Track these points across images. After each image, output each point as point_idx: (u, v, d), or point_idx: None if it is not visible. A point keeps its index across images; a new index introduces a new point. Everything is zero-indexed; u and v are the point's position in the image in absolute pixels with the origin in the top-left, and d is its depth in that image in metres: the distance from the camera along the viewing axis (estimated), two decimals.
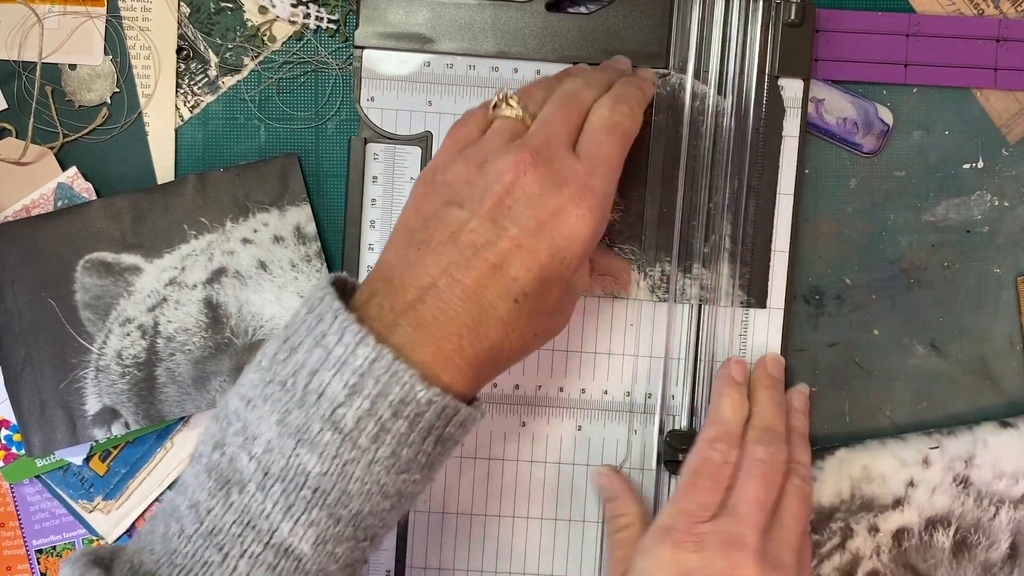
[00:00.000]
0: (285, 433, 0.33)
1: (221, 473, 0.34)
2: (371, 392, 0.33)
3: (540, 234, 0.37)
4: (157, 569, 0.34)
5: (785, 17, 0.48)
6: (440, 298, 0.36)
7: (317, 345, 0.34)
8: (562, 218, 0.37)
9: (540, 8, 0.48)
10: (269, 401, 0.34)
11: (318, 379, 0.34)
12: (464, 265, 0.36)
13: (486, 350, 0.36)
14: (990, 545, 0.48)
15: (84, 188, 0.49)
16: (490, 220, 0.37)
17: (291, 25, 0.49)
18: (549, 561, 0.49)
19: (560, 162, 0.38)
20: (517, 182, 0.37)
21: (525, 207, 0.37)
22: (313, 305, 0.36)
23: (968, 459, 0.48)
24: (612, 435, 0.49)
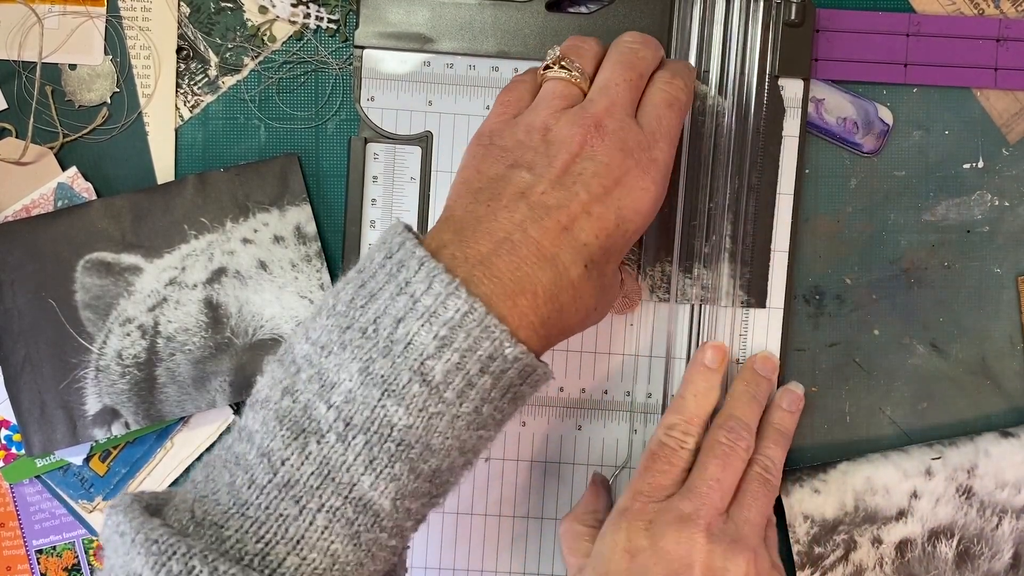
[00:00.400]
0: (369, 383, 0.32)
1: (295, 421, 0.32)
2: (461, 346, 0.32)
3: (607, 201, 0.37)
4: (226, 520, 0.32)
5: (785, 17, 0.48)
6: (516, 253, 0.35)
7: (401, 292, 0.33)
8: (628, 188, 0.37)
9: (540, 8, 0.48)
10: (348, 348, 0.33)
11: (404, 328, 0.32)
12: (537, 223, 0.35)
13: (557, 312, 0.36)
14: (993, 555, 0.48)
15: (84, 188, 0.49)
16: (560, 183, 0.36)
17: (291, 25, 0.49)
18: (549, 561, 0.49)
19: (626, 131, 0.38)
20: (585, 148, 0.37)
21: (593, 174, 0.37)
22: (391, 250, 0.34)
23: (970, 469, 0.48)
24: (612, 435, 0.49)
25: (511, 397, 0.34)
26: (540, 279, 0.35)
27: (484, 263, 0.34)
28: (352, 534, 0.32)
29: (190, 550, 0.30)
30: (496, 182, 0.37)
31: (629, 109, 0.39)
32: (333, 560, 0.32)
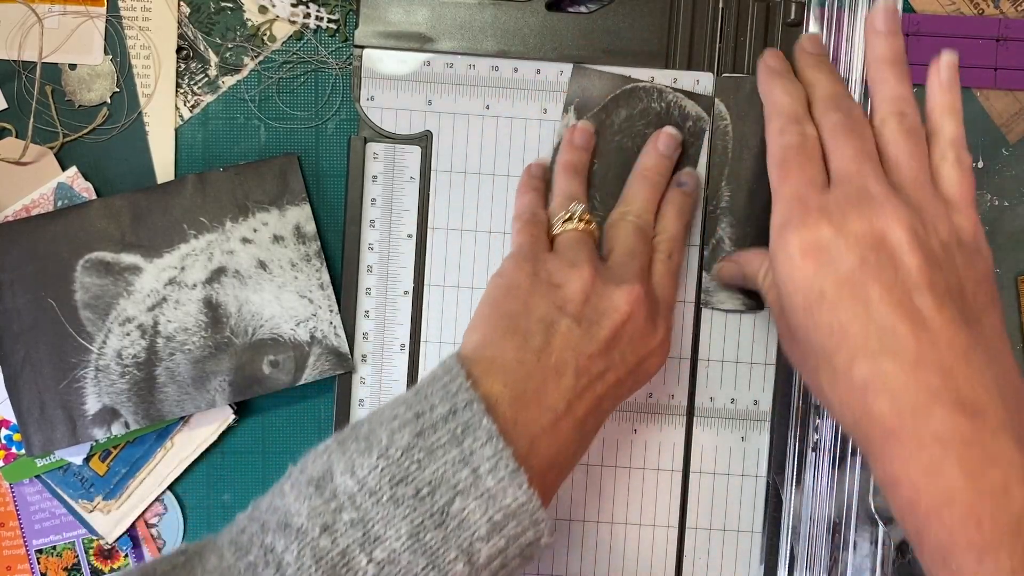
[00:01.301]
0: (418, 549, 0.32)
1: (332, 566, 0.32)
2: (509, 532, 0.34)
3: (636, 371, 0.40)
4: None
5: (785, 17, 0.48)
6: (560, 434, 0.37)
7: (465, 463, 0.34)
8: (651, 359, 0.41)
9: (540, 7, 0.48)
10: (401, 506, 0.33)
11: (462, 503, 0.33)
12: (581, 397, 0.38)
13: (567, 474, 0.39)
14: None
15: (84, 188, 0.49)
16: (607, 351, 0.39)
17: (291, 25, 0.49)
18: (549, 561, 0.49)
19: (652, 301, 0.41)
20: (630, 319, 0.39)
21: (630, 344, 0.39)
22: (457, 407, 0.35)
23: None
24: (612, 435, 0.49)
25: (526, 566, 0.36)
26: (570, 454, 0.38)
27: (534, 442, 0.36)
28: None
29: None
30: (545, 328, 0.38)
31: (648, 274, 0.43)
32: None
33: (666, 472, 0.49)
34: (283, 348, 0.48)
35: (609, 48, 0.48)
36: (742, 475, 0.49)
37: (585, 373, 0.38)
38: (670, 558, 0.49)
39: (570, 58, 0.48)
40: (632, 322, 0.39)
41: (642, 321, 0.40)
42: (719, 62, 0.48)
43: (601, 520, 0.49)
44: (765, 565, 0.49)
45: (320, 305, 0.48)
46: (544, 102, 0.48)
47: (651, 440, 0.49)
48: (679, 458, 0.49)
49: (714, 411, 0.49)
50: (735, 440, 0.49)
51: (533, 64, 0.48)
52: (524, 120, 0.48)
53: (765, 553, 0.49)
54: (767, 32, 0.48)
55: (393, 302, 0.49)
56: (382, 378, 0.49)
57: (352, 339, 0.48)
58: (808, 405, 0.48)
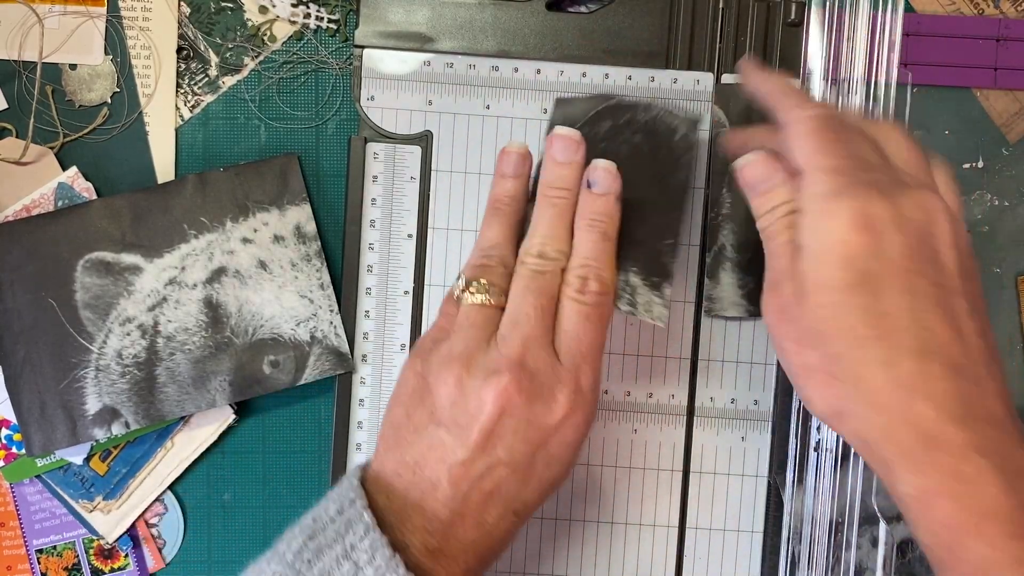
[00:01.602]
0: None
1: None
2: None
3: (535, 455, 0.37)
4: None
5: (785, 17, 0.48)
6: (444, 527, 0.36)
7: (347, 558, 0.34)
8: (556, 434, 0.37)
9: (540, 7, 0.48)
10: None
11: None
12: (461, 496, 0.36)
13: (487, 561, 0.38)
14: None
15: (84, 188, 0.49)
16: (480, 451, 0.36)
17: (291, 25, 0.49)
18: (549, 561, 0.49)
19: (544, 373, 0.37)
20: (504, 412, 0.36)
21: (514, 435, 0.36)
22: (343, 507, 0.35)
23: None
24: (612, 435, 0.49)
25: None
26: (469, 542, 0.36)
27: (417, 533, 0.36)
28: None
29: None
30: (420, 439, 0.37)
31: (545, 339, 0.37)
32: None
33: (666, 472, 0.49)
34: (283, 348, 0.48)
35: (609, 48, 0.48)
36: (742, 475, 0.49)
37: (463, 480, 0.36)
38: (670, 558, 0.49)
39: (570, 58, 0.48)
40: (508, 415, 0.36)
41: (523, 408, 0.36)
42: (719, 62, 0.48)
43: (601, 520, 0.49)
44: (765, 565, 0.49)
45: (320, 305, 0.48)
46: (544, 102, 0.48)
47: (651, 440, 0.49)
48: (679, 458, 0.49)
49: (714, 411, 0.49)
50: (735, 440, 0.49)
51: (533, 64, 0.48)
52: (524, 120, 0.48)
53: (765, 553, 0.49)
54: (767, 32, 0.48)
55: (393, 302, 0.49)
56: (382, 378, 0.49)
57: (352, 339, 0.48)
58: None
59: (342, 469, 0.49)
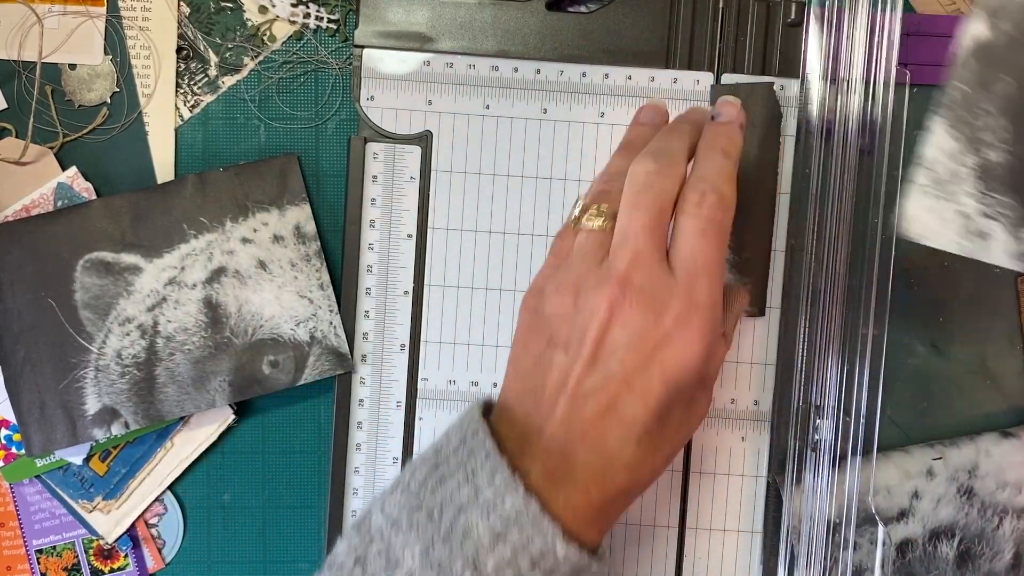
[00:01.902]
0: (427, 565, 0.34)
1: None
2: (514, 541, 0.33)
3: (649, 369, 0.35)
4: None
5: (785, 17, 0.48)
6: (563, 448, 0.36)
7: (468, 482, 0.35)
8: (669, 348, 0.35)
9: (540, 7, 0.48)
10: (415, 529, 0.34)
11: (465, 517, 0.34)
12: (579, 414, 0.36)
13: (613, 496, 0.36)
14: (994, 555, 0.48)
15: (84, 188, 0.49)
16: (594, 364, 0.36)
17: (291, 25, 0.49)
18: None
19: (655, 285, 0.36)
20: (613, 319, 0.36)
21: (626, 346, 0.36)
22: (466, 437, 0.36)
23: (971, 469, 0.48)
24: None
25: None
26: (591, 469, 0.36)
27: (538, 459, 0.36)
28: None
29: None
30: (538, 366, 0.37)
31: (656, 255, 0.36)
32: None
33: (666, 472, 0.49)
34: (283, 348, 0.48)
35: (609, 48, 0.48)
36: (742, 475, 0.49)
37: (578, 396, 0.36)
38: (670, 558, 0.49)
39: (570, 58, 0.48)
40: (619, 326, 0.36)
41: (633, 318, 0.35)
42: (719, 62, 0.48)
43: None
44: (765, 565, 0.49)
45: (320, 305, 0.48)
46: (544, 102, 0.48)
47: None
48: (679, 458, 0.49)
49: (714, 411, 0.49)
50: (735, 440, 0.49)
51: (533, 64, 0.48)
52: (524, 120, 0.48)
53: (765, 553, 0.49)
54: (767, 32, 0.48)
55: (393, 302, 0.49)
56: (382, 378, 0.49)
57: (352, 339, 0.48)
58: (808, 405, 0.48)
59: (342, 469, 0.49)
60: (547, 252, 0.41)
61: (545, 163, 0.48)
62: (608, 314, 0.36)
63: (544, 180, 0.48)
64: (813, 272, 0.48)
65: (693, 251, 0.36)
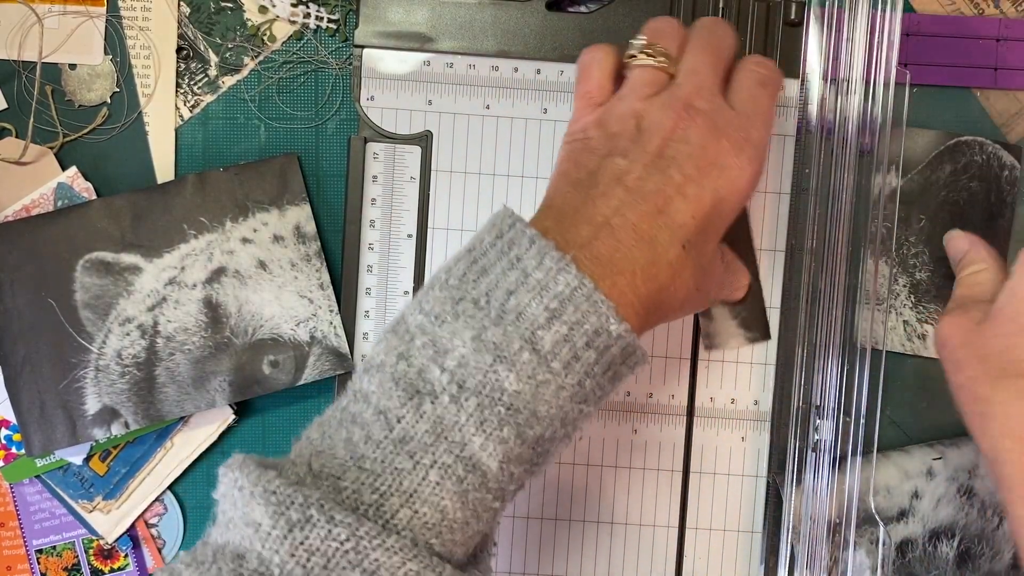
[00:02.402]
0: (482, 348, 0.33)
1: (411, 383, 0.34)
2: (570, 319, 0.33)
3: (703, 181, 0.37)
4: (343, 473, 0.33)
5: (785, 17, 0.48)
6: (614, 235, 0.36)
7: (513, 268, 0.34)
8: (722, 167, 0.38)
9: (540, 7, 0.48)
10: (462, 317, 0.34)
11: (515, 299, 0.34)
12: (634, 206, 0.36)
13: (655, 292, 0.36)
14: (994, 555, 0.48)
15: (84, 188, 0.49)
16: (654, 167, 0.37)
17: (291, 25, 0.49)
18: (549, 561, 0.49)
19: (717, 111, 0.38)
20: (677, 131, 0.38)
21: (687, 155, 0.37)
22: (503, 231, 0.36)
23: (971, 469, 0.48)
24: (612, 435, 0.49)
25: (611, 375, 0.35)
26: (639, 260, 0.36)
27: (585, 246, 0.36)
28: (461, 492, 0.33)
29: (307, 499, 0.32)
30: (594, 173, 0.38)
31: (718, 90, 0.39)
32: (442, 515, 0.33)
33: (666, 472, 0.49)
34: (283, 348, 0.48)
35: None
36: (742, 475, 0.49)
37: (636, 190, 0.36)
38: (670, 558, 0.49)
39: (570, 58, 0.48)
40: (682, 139, 0.38)
41: (697, 134, 0.38)
42: None
43: (601, 520, 0.49)
44: (765, 565, 0.49)
45: (320, 305, 0.48)
46: (544, 102, 0.48)
47: (651, 440, 0.49)
48: (679, 458, 0.49)
49: (714, 411, 0.49)
50: (735, 440, 0.49)
51: (533, 64, 0.48)
52: (524, 120, 0.48)
53: (765, 553, 0.49)
54: (767, 32, 0.48)
55: (393, 302, 0.49)
56: None
57: (352, 339, 0.48)
58: (808, 405, 0.48)
59: None
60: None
61: (545, 163, 0.48)
62: (672, 126, 0.38)
63: (544, 180, 0.48)
64: (813, 272, 0.48)
65: (752, 95, 0.40)
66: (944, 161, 0.49)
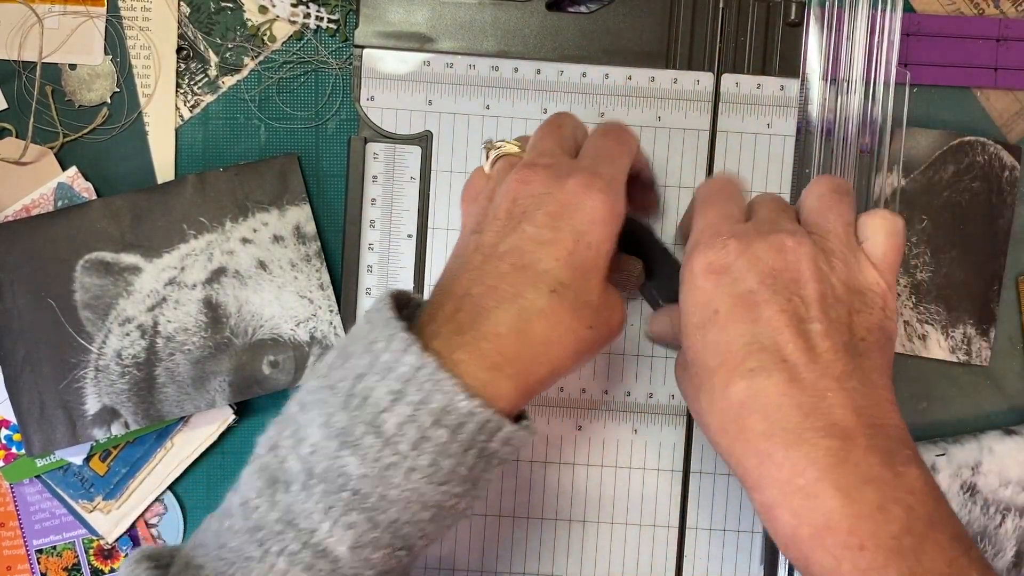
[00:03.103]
0: (330, 435, 0.33)
1: (271, 473, 0.34)
2: (413, 399, 0.33)
3: (558, 224, 0.37)
4: (207, 562, 0.34)
5: (785, 17, 0.48)
6: (475, 303, 0.36)
7: (367, 352, 0.34)
8: (575, 206, 0.37)
9: (540, 7, 0.48)
10: (318, 405, 0.34)
11: (364, 383, 0.34)
12: (491, 270, 0.36)
13: (529, 347, 0.35)
14: (996, 553, 0.48)
15: (84, 188, 0.49)
16: (506, 228, 0.37)
17: (291, 25, 0.49)
18: (549, 561, 0.49)
19: (558, 164, 0.39)
20: (520, 189, 0.38)
21: (535, 207, 0.37)
22: (371, 316, 0.36)
23: (975, 466, 0.48)
24: (612, 435, 0.49)
25: (476, 454, 0.34)
26: (504, 320, 0.35)
27: (450, 320, 0.35)
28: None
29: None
30: (460, 255, 0.38)
31: (560, 151, 0.40)
32: None
33: (666, 472, 0.49)
34: (283, 348, 0.48)
35: (609, 48, 0.48)
36: None
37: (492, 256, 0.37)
38: (670, 558, 0.49)
39: (570, 58, 0.48)
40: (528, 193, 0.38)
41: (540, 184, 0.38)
42: (719, 62, 0.48)
43: (601, 520, 0.49)
44: (765, 565, 0.49)
45: (320, 305, 0.48)
46: (544, 102, 0.48)
47: (651, 440, 0.49)
48: (679, 458, 0.49)
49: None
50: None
51: (533, 64, 0.48)
52: (524, 120, 0.48)
53: (765, 553, 0.49)
54: (767, 32, 0.48)
55: None
56: None
57: None
58: None
59: None
60: None
61: None
62: (516, 185, 0.38)
63: None
64: None
65: (594, 144, 0.41)
66: (947, 161, 0.49)
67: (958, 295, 0.49)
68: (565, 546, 0.49)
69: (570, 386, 0.49)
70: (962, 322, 0.49)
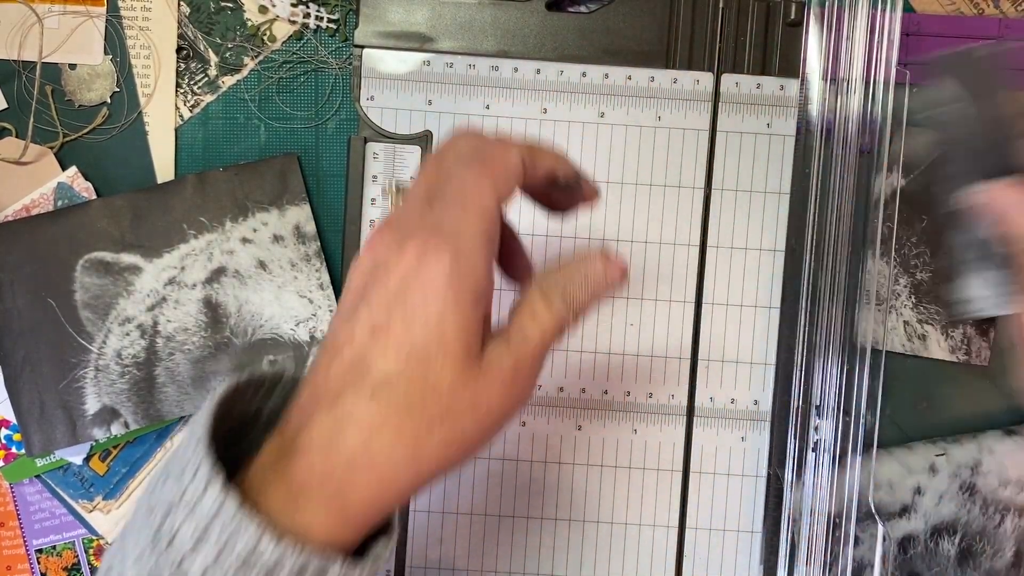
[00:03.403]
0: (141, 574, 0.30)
1: None
2: (218, 541, 0.29)
3: (392, 306, 0.30)
4: None
5: (785, 17, 0.48)
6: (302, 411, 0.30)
7: (179, 477, 0.30)
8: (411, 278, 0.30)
9: (540, 7, 0.48)
10: (131, 536, 0.31)
11: (171, 519, 0.30)
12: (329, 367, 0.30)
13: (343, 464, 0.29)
14: (995, 553, 0.48)
15: (84, 188, 0.49)
16: (351, 310, 0.31)
17: (291, 24, 0.49)
18: (549, 561, 0.49)
19: (407, 221, 0.32)
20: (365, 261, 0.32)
21: (374, 283, 0.31)
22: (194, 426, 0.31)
23: (974, 466, 0.48)
24: (612, 435, 0.49)
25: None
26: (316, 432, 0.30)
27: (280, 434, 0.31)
28: None
29: None
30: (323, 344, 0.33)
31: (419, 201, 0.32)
32: None
33: (666, 472, 0.49)
34: (283, 348, 0.48)
35: (609, 48, 0.48)
36: (742, 475, 0.49)
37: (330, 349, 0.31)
38: (670, 558, 0.49)
39: (570, 58, 0.48)
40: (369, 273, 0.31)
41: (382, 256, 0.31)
42: (719, 62, 0.48)
43: (601, 520, 0.49)
44: (765, 565, 0.49)
45: (320, 305, 0.48)
46: (544, 102, 0.48)
47: (651, 440, 0.49)
48: (679, 458, 0.49)
49: (714, 411, 0.49)
50: (735, 440, 0.49)
51: (533, 64, 0.48)
52: (524, 120, 0.48)
53: (765, 553, 0.49)
54: (767, 32, 0.48)
55: None
56: None
57: None
58: (808, 405, 0.48)
59: None
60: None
61: None
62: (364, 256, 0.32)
63: None
64: (813, 272, 0.48)
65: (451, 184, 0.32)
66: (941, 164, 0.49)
67: None
68: (565, 546, 0.49)
69: (570, 386, 0.49)
70: (962, 322, 0.49)
